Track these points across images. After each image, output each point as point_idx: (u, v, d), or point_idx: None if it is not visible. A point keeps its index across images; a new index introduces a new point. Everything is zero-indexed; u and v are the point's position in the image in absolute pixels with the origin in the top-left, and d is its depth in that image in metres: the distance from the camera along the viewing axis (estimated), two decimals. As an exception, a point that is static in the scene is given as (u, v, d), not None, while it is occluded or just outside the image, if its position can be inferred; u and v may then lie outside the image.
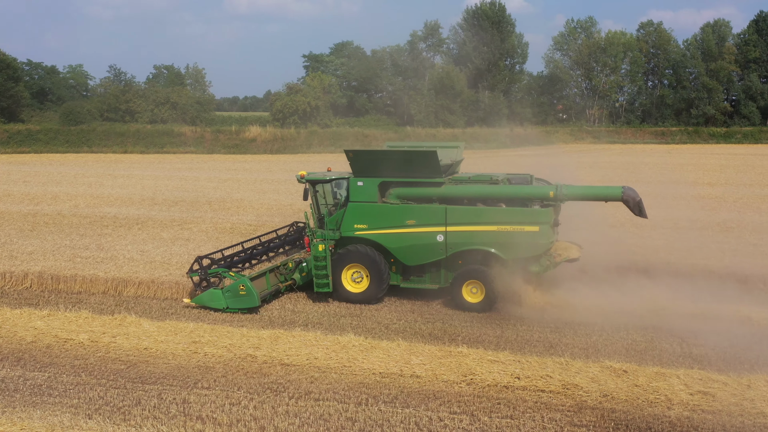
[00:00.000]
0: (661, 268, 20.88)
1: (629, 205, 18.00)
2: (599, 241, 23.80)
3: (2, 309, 18.23)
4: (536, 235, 17.72)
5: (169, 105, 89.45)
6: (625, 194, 17.90)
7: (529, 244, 17.81)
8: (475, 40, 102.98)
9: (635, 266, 21.10)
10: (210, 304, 18.50)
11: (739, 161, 63.78)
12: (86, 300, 19.55)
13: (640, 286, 18.81)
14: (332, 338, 15.95)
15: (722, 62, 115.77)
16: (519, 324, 17.39)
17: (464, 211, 18.29)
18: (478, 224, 18.08)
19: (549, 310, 18.00)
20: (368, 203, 18.70)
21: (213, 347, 15.50)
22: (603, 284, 18.80)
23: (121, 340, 15.99)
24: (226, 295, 18.27)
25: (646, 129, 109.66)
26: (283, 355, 14.97)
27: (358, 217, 18.80)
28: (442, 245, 18.33)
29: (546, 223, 17.82)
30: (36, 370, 14.40)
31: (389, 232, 18.66)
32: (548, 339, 16.33)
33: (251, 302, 18.16)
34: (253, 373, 14.23)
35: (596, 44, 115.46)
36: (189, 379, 13.91)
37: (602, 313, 17.42)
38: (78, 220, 29.65)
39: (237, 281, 18.28)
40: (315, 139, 79.85)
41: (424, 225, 18.37)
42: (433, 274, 19.06)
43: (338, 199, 19.87)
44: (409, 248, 18.60)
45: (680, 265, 21.41)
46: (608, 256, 21.23)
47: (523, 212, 17.99)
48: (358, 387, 13.47)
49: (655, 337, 16.28)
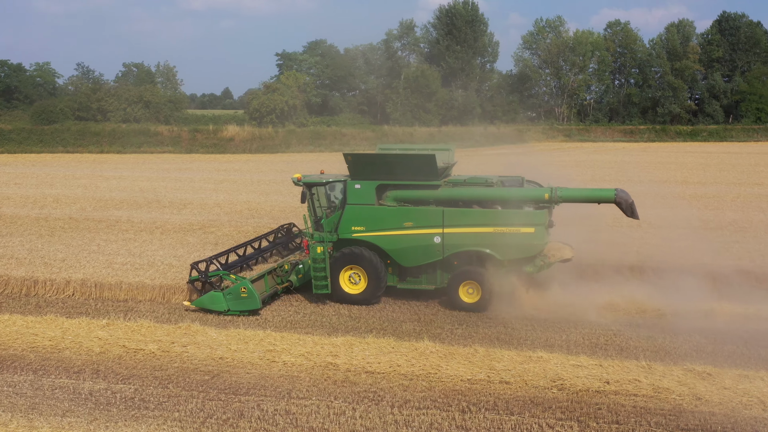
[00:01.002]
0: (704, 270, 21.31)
1: (622, 207, 18.59)
2: (623, 241, 24.54)
3: (57, 318, 17.92)
4: (531, 236, 18.29)
5: (141, 104, 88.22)
6: (618, 196, 18.48)
7: (525, 245, 18.37)
8: (449, 39, 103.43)
9: (673, 267, 21.45)
10: (211, 306, 18.52)
11: (717, 160, 65.09)
12: (136, 308, 19.27)
13: (687, 287, 19.22)
14: (408, 344, 16.01)
15: (687, 61, 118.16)
16: (570, 327, 17.55)
17: (461, 214, 18.70)
18: (475, 226, 18.54)
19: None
20: (366, 206, 19.00)
21: (289, 356, 15.45)
22: (655, 287, 19.23)
23: (193, 350, 15.84)
24: (228, 298, 18.34)
25: (615, 127, 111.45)
26: (365, 363, 14.99)
27: (355, 220, 19.07)
28: (440, 247, 18.72)
29: (541, 224, 18.38)
30: (120, 383, 14.21)
31: (387, 234, 18.96)
32: (615, 342, 16.54)
33: (253, 304, 18.29)
34: (341, 381, 14.23)
35: (565, 43, 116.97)
36: (279, 388, 13.86)
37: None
38: (93, 224, 29.15)
39: (238, 284, 18.38)
40: (293, 138, 79.50)
41: (421, 227, 18.74)
42: (430, 275, 19.44)
43: (333, 201, 20.01)
44: (407, 250, 18.94)
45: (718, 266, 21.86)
46: (629, 256, 22.39)
47: (519, 214, 18.49)
48: (453, 394, 13.56)
49: (718, 339, 16.62)
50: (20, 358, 15.49)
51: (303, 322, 18.21)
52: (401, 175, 18.83)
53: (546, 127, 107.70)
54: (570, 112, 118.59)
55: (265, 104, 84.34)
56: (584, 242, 21.71)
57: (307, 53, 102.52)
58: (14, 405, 13.17)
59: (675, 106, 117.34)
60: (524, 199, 18.88)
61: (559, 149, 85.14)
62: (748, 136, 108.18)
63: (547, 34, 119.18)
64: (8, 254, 23.71)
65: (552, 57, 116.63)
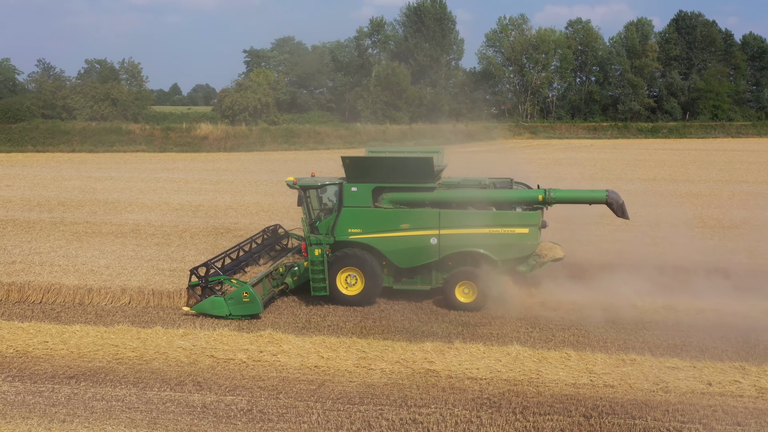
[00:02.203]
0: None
1: (613, 208, 19.33)
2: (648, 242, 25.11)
3: (130, 328, 17.57)
4: (526, 236, 18.88)
5: (108, 101, 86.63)
6: (609, 197, 19.20)
7: (519, 245, 18.97)
8: (418, 37, 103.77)
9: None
10: (212, 311, 18.48)
11: (692, 157, 66.81)
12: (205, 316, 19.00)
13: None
14: (499, 349, 16.14)
15: (646, 60, 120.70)
16: (638, 328, 17.89)
17: (458, 215, 19.08)
18: (470, 227, 18.98)
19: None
20: (362, 208, 19.24)
21: (384, 362, 15.46)
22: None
23: (285, 358, 15.73)
24: (229, 302, 18.32)
25: (578, 124, 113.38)
26: (463, 369, 15.08)
27: (352, 222, 19.29)
28: (436, 248, 19.11)
29: (535, 225, 18.97)
30: (227, 394, 14.04)
31: (384, 236, 19.26)
32: (692, 343, 16.89)
33: (255, 309, 18.32)
34: (448, 388, 14.28)
35: (528, 41, 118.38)
36: (390, 396, 13.87)
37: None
38: (115, 228, 28.56)
39: (240, 288, 18.36)
40: (268, 136, 78.92)
41: (418, 228, 19.11)
42: (425, 275, 19.80)
43: (327, 204, 20.18)
44: (404, 251, 19.26)
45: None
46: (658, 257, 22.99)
47: (514, 215, 19.05)
48: (565, 399, 13.73)
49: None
50: (110, 370, 15.19)
51: (377, 327, 18.14)
52: (398, 177, 19.19)
53: (512, 125, 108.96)
54: (533, 110, 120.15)
55: (237, 102, 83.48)
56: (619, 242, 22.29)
57: (276, 50, 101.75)
58: (133, 420, 12.95)
59: (635, 103, 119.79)
60: (519, 200, 19.47)
61: (528, 146, 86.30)
62: (706, 133, 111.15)
63: (510, 32, 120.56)
64: (48, 261, 23.14)
65: (516, 55, 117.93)
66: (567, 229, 25.19)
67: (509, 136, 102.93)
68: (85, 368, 15.28)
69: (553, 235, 22.04)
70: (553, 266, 21.02)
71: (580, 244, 24.42)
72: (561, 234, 23.11)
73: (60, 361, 15.72)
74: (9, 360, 15.77)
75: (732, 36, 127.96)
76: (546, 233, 20.87)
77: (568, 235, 24.15)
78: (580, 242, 25.03)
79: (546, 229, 20.34)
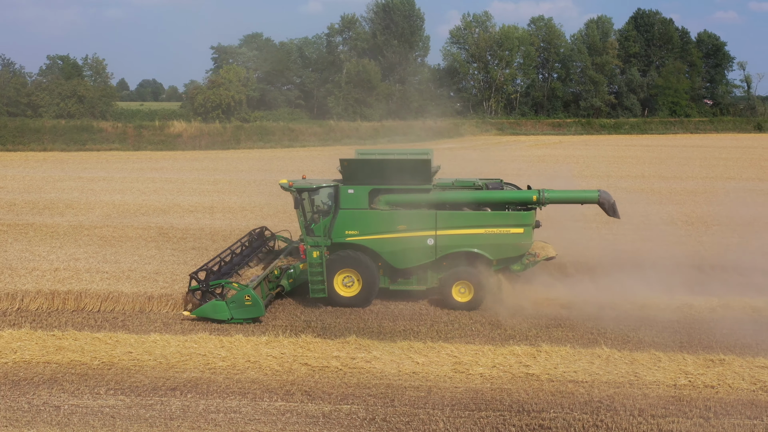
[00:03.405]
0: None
1: (605, 207, 20.03)
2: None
3: (210, 336, 17.33)
4: (520, 236, 19.44)
5: (75, 98, 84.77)
6: (601, 197, 19.89)
7: (514, 245, 19.52)
8: (387, 34, 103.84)
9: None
10: (213, 315, 18.41)
11: (667, 153, 68.32)
12: (269, 322, 18.87)
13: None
14: (587, 351, 16.43)
15: (606, 57, 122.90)
16: (700, 326, 18.44)
17: (454, 216, 19.52)
18: (466, 228, 19.45)
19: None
20: (359, 210, 19.47)
21: (481, 367, 15.59)
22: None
23: (379, 365, 15.74)
24: (231, 306, 18.30)
25: (543, 120, 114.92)
26: (561, 372, 15.31)
27: (349, 224, 19.51)
28: (432, 248, 19.50)
29: (529, 225, 19.53)
30: (341, 403, 13.98)
31: (381, 238, 19.54)
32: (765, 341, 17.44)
33: (257, 312, 18.32)
34: (555, 392, 14.43)
35: (492, 38, 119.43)
36: (505, 402, 13.98)
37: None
38: (141, 233, 27.94)
39: (242, 291, 18.34)
40: (242, 134, 78.07)
41: (415, 230, 19.44)
42: (420, 275, 20.16)
43: (321, 206, 20.29)
44: (401, 252, 19.57)
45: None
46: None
47: (510, 215, 19.57)
48: (673, 401, 14.05)
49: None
50: (209, 380, 15.00)
51: (449, 330, 18.22)
52: (396, 179, 19.42)
53: (479, 121, 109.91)
54: (497, 106, 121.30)
55: (210, 99, 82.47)
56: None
57: (245, 47, 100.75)
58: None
59: (596, 99, 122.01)
60: (513, 200, 19.92)
61: (499, 143, 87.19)
62: (666, 129, 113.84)
63: (474, 29, 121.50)
64: (91, 267, 22.64)
65: (480, 51, 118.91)
66: (583, 227, 26.09)
67: (477, 132, 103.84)
68: (183, 379, 15.08)
69: (557, 235, 22.75)
70: (566, 265, 22.07)
71: (592, 242, 25.34)
72: (564, 234, 23.94)
73: (152, 372, 15.47)
74: (99, 372, 15.45)
75: (688, 34, 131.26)
76: (541, 232, 21.41)
77: (579, 234, 25.16)
78: (593, 240, 26.00)
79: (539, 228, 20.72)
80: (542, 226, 20.94)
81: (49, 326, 18.33)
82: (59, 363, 15.88)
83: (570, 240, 24.16)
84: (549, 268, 21.99)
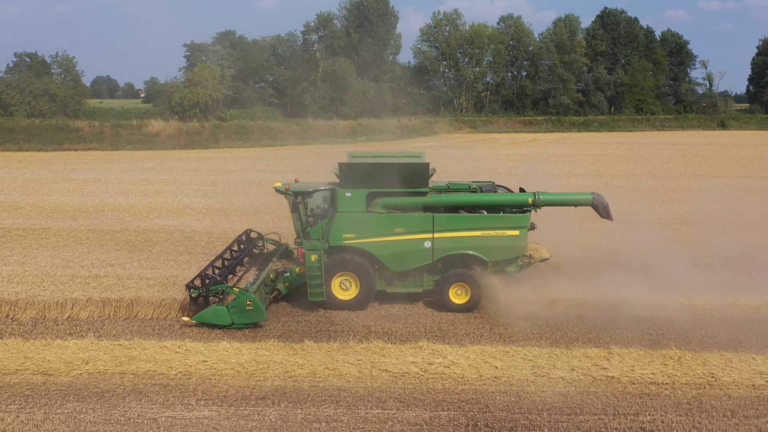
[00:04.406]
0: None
1: (598, 210, 20.61)
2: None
3: (280, 343, 17.28)
4: (516, 238, 19.87)
5: (47, 97, 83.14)
6: (595, 200, 20.47)
7: (510, 247, 19.91)
8: (361, 32, 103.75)
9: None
10: (214, 321, 18.24)
11: (651, 151, 69.60)
12: (327, 328, 18.83)
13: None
14: (659, 352, 16.74)
15: (574, 55, 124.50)
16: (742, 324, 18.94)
17: (451, 219, 19.84)
18: (463, 230, 19.80)
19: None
20: (357, 213, 19.63)
21: (559, 371, 15.74)
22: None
23: (458, 370, 15.79)
24: (232, 311, 18.20)
25: (514, 118, 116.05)
26: (638, 374, 15.51)
27: (346, 227, 19.63)
28: (429, 251, 19.75)
29: (525, 227, 19.96)
30: (438, 410, 14.00)
31: (378, 241, 19.71)
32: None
33: (259, 317, 18.26)
34: (642, 394, 14.67)
35: (463, 36, 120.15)
36: (596, 405, 14.16)
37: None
38: (163, 237, 27.50)
39: (243, 296, 18.23)
40: (221, 133, 77.32)
41: (412, 232, 19.69)
42: (416, 278, 20.42)
43: (316, 209, 20.44)
44: (398, 255, 19.77)
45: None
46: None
47: (506, 218, 19.93)
48: (759, 402, 14.37)
49: None
50: (294, 389, 14.86)
51: (512, 334, 18.38)
52: (395, 183, 19.58)
53: (452, 119, 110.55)
54: (468, 104, 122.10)
55: (187, 98, 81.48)
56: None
57: (219, 44, 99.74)
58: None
59: (565, 97, 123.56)
60: (509, 203, 20.27)
61: (475, 141, 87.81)
62: (633, 126, 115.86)
63: (444, 27, 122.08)
64: (134, 274, 22.25)
65: (451, 49, 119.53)
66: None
67: (450, 130, 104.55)
68: (267, 388, 14.96)
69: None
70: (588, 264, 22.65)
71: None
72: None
73: (232, 381, 15.32)
74: (180, 382, 15.26)
75: (653, 33, 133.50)
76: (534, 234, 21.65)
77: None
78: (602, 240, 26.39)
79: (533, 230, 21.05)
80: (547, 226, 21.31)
81: (108, 335, 18.04)
82: (135, 373, 15.66)
83: (604, 239, 24.52)
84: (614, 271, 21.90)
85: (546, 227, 22.34)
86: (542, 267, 22.48)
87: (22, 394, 14.66)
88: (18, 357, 16.41)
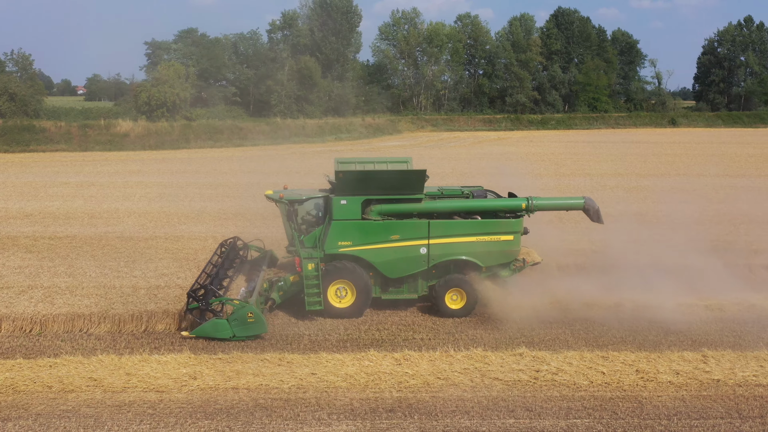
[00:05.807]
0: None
1: (589, 214, 21.16)
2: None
3: (373, 353, 17.12)
4: (510, 243, 20.21)
5: (6, 96, 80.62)
6: (587, 204, 21.04)
7: (504, 252, 20.18)
8: (324, 30, 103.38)
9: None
10: (215, 334, 17.98)
11: (621, 150, 71.07)
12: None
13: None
14: (752, 354, 17.27)
15: (530, 53, 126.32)
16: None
17: (447, 225, 20.08)
18: (459, 236, 20.03)
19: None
20: (352, 221, 19.65)
21: (664, 374, 16.08)
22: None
23: (566, 376, 15.92)
24: (233, 324, 17.99)
25: (475, 116, 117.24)
26: (740, 377, 15.96)
27: (342, 235, 19.63)
28: (425, 257, 19.90)
29: (519, 232, 20.34)
30: (569, 418, 14.11)
31: (375, 248, 19.78)
32: None
33: (260, 329, 18.12)
34: (751, 397, 15.14)
35: (421, 34, 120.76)
36: (716, 410, 14.53)
37: None
38: (201, 244, 27.06)
39: (244, 309, 18.00)
40: (191, 133, 76.19)
41: (408, 239, 19.84)
42: (411, 284, 20.51)
43: (305, 216, 20.55)
44: (394, 262, 19.84)
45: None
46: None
47: (500, 223, 20.26)
48: None
49: None
50: (416, 400, 14.79)
51: (596, 338, 18.74)
52: (391, 189, 19.79)
53: (413, 117, 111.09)
54: (427, 102, 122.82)
55: (155, 97, 79.95)
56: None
57: (180, 42, 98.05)
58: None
59: (521, 95, 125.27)
60: (503, 209, 20.68)
61: (441, 140, 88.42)
62: (589, 124, 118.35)
63: (403, 25, 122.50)
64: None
65: (410, 48, 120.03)
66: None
67: (413, 129, 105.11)
68: (388, 399, 14.83)
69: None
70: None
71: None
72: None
73: (349, 393, 15.11)
74: (298, 396, 15.00)
75: (605, 32, 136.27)
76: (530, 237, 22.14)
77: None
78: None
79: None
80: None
81: (204, 349, 17.67)
82: (249, 388, 15.42)
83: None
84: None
85: (534, 231, 22.64)
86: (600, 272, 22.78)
87: (145, 412, 14.32)
88: (119, 373, 16.01)
